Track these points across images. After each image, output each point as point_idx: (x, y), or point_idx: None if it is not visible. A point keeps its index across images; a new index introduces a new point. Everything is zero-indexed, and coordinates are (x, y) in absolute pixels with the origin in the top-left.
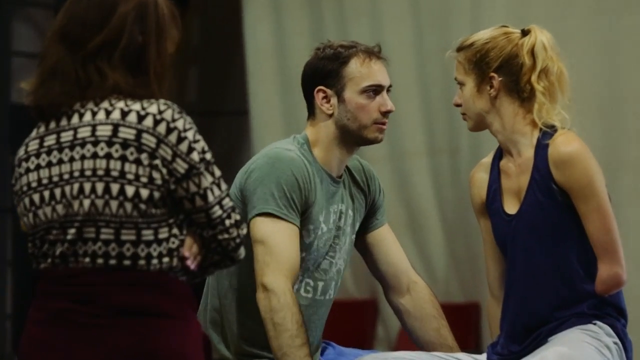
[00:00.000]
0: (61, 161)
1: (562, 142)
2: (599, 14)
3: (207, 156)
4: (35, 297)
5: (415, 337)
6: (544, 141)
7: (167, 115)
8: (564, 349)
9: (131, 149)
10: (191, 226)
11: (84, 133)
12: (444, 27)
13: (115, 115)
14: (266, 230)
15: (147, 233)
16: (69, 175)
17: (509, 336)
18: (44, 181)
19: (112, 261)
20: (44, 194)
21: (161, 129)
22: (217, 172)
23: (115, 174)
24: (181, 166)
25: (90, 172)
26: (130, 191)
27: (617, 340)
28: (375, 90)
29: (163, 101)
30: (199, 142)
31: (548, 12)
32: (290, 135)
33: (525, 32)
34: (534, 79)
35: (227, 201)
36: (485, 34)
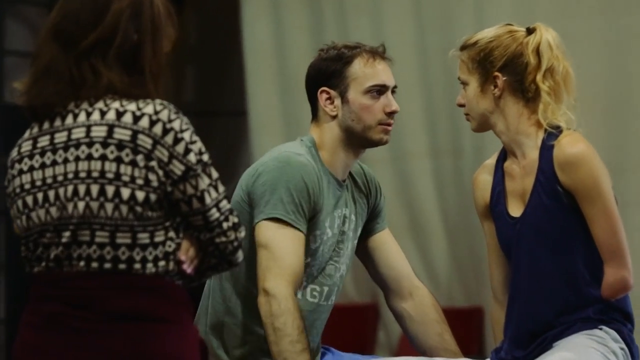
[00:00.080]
0: (55, 163)
1: (567, 144)
2: (605, 13)
3: (205, 157)
4: (28, 301)
5: (418, 343)
6: (549, 142)
7: (164, 116)
8: (569, 354)
9: (127, 150)
10: (188, 229)
11: (79, 134)
12: (446, 25)
13: (111, 115)
14: (271, 235)
15: (143, 236)
16: (63, 177)
17: (513, 341)
18: (37, 183)
19: (107, 265)
20: (38, 196)
21: (157, 129)
22: (214, 173)
23: (110, 175)
24: (178, 168)
25: (84, 174)
26: (125, 193)
27: (624, 346)
28: (380, 90)
29: (159, 101)
30: (196, 143)
31: (554, 10)
32: (289, 136)
33: (531, 31)
34: (539, 78)
35: (224, 203)
36: (489, 33)
